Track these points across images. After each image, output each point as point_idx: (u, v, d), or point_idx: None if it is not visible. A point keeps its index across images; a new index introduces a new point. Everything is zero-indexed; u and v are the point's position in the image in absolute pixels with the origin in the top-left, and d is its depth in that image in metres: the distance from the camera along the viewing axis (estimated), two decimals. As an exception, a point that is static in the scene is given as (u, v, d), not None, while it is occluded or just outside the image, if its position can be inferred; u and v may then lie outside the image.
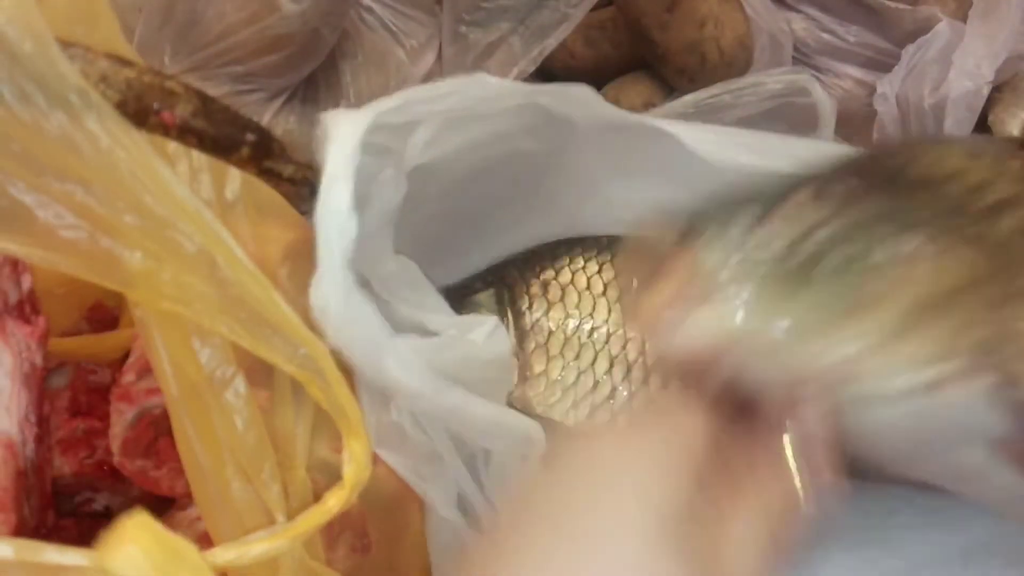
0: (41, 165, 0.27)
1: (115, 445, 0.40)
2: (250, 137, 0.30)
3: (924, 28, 0.63)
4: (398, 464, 0.42)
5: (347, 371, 0.45)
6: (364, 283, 0.40)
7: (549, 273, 0.51)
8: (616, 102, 0.68)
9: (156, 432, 0.40)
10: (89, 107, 0.25)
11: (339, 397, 0.35)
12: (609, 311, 0.50)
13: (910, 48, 0.63)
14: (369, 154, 0.37)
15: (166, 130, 0.28)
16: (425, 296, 0.41)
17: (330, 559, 0.40)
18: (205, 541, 0.41)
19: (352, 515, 0.42)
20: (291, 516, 0.35)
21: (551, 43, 0.64)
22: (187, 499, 0.41)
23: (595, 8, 0.66)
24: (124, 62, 0.27)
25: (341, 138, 0.34)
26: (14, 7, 0.24)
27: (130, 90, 0.27)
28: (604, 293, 0.50)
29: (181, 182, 0.29)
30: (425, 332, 0.40)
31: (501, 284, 0.50)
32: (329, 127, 0.35)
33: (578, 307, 0.50)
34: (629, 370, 0.49)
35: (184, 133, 0.28)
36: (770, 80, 0.54)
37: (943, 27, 0.62)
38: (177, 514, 0.41)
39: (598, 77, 0.71)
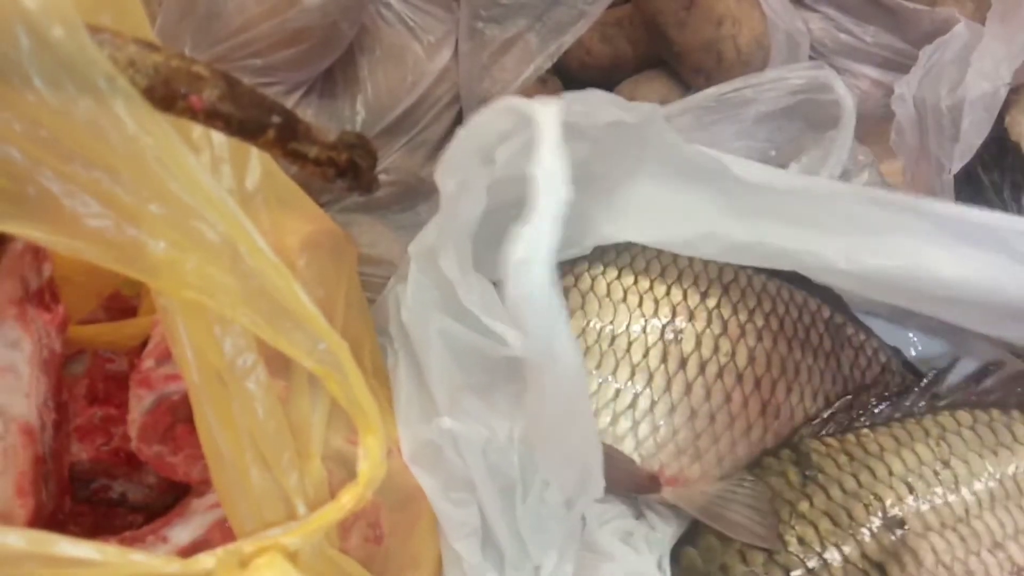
0: (68, 152, 0.27)
1: (133, 430, 0.40)
2: (276, 120, 0.30)
3: (942, 29, 0.63)
4: (427, 484, 0.42)
5: (364, 369, 0.46)
6: (452, 289, 0.42)
7: (569, 279, 0.51)
8: (631, 99, 0.68)
9: (174, 418, 0.40)
10: (116, 93, 0.25)
11: (357, 393, 0.35)
12: (629, 317, 0.50)
13: (928, 49, 0.62)
14: (480, 163, 0.40)
15: (194, 114, 0.28)
16: (501, 311, 0.41)
17: (343, 548, 0.40)
18: (221, 529, 0.41)
19: (366, 506, 0.42)
20: (309, 505, 0.35)
21: (568, 40, 0.64)
22: (204, 486, 0.41)
23: (612, 5, 0.66)
24: (152, 47, 0.27)
25: (547, 112, 0.35)
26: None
27: (158, 75, 0.27)
28: (624, 299, 0.50)
29: (205, 170, 0.29)
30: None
31: None
32: (529, 109, 0.36)
33: (599, 315, 0.50)
34: (651, 378, 0.48)
35: (211, 117, 0.28)
36: (792, 75, 0.53)
37: (961, 28, 0.61)
38: (193, 501, 0.41)
39: (614, 75, 0.71)
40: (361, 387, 0.35)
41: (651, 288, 0.50)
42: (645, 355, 0.49)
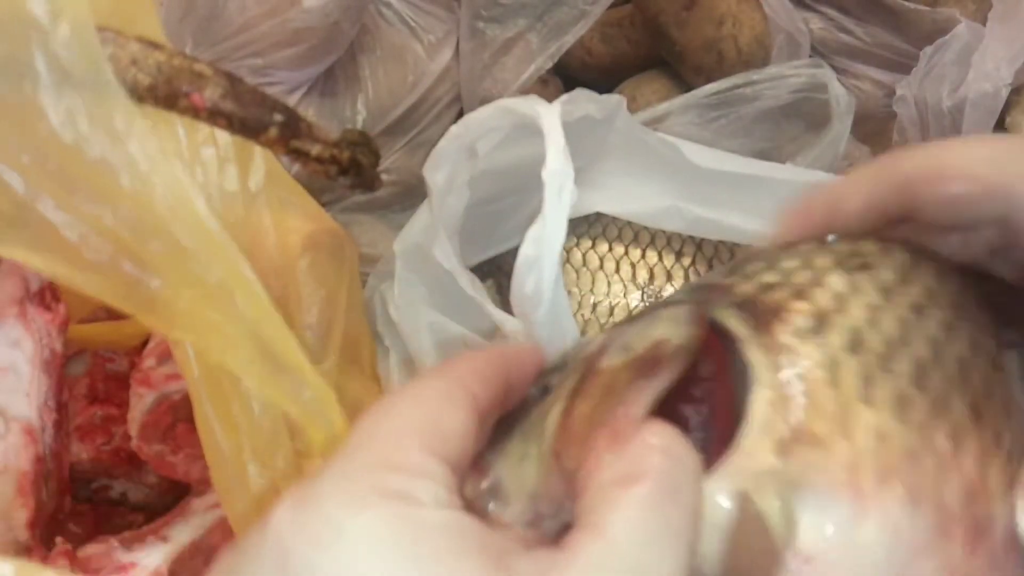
0: (75, 185, 0.27)
1: (133, 429, 0.40)
2: (278, 118, 0.30)
3: (943, 29, 0.63)
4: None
5: (364, 369, 0.45)
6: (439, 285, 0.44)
7: None
8: (633, 100, 0.68)
9: (174, 417, 0.40)
10: (132, 132, 0.25)
11: (343, 438, 0.35)
12: (609, 283, 0.50)
13: (928, 50, 0.62)
14: (463, 156, 0.42)
15: (196, 112, 0.28)
16: (491, 303, 0.43)
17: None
18: (221, 529, 0.41)
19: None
20: (308, 503, 0.35)
21: (568, 40, 0.64)
22: (203, 485, 0.41)
23: (613, 5, 0.65)
24: (154, 45, 0.27)
25: (551, 115, 0.39)
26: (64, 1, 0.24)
27: (160, 73, 0.27)
28: (601, 267, 0.51)
29: (212, 214, 0.29)
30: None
31: (498, 273, 0.51)
32: (533, 111, 0.40)
33: (577, 284, 0.50)
34: None
35: (214, 115, 0.28)
36: (791, 72, 0.54)
37: (962, 29, 0.61)
38: (194, 501, 0.41)
39: (615, 75, 0.71)
40: (346, 434, 0.35)
41: (626, 253, 0.51)
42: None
